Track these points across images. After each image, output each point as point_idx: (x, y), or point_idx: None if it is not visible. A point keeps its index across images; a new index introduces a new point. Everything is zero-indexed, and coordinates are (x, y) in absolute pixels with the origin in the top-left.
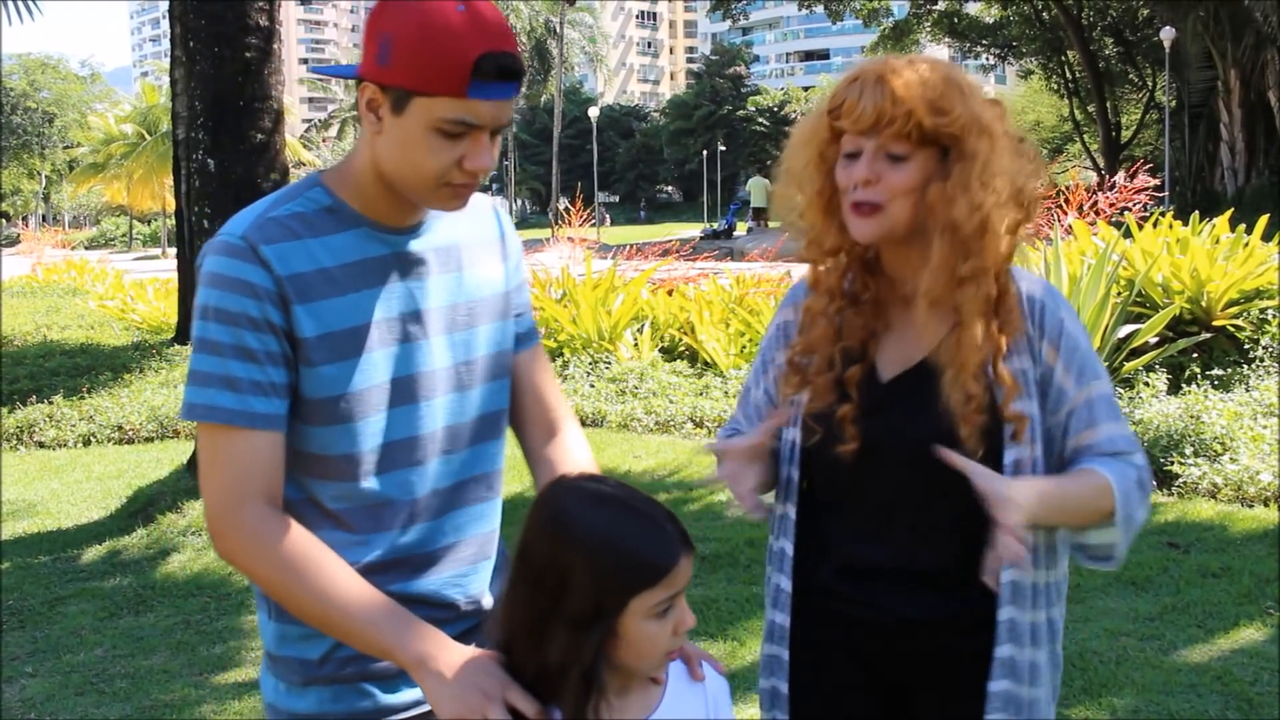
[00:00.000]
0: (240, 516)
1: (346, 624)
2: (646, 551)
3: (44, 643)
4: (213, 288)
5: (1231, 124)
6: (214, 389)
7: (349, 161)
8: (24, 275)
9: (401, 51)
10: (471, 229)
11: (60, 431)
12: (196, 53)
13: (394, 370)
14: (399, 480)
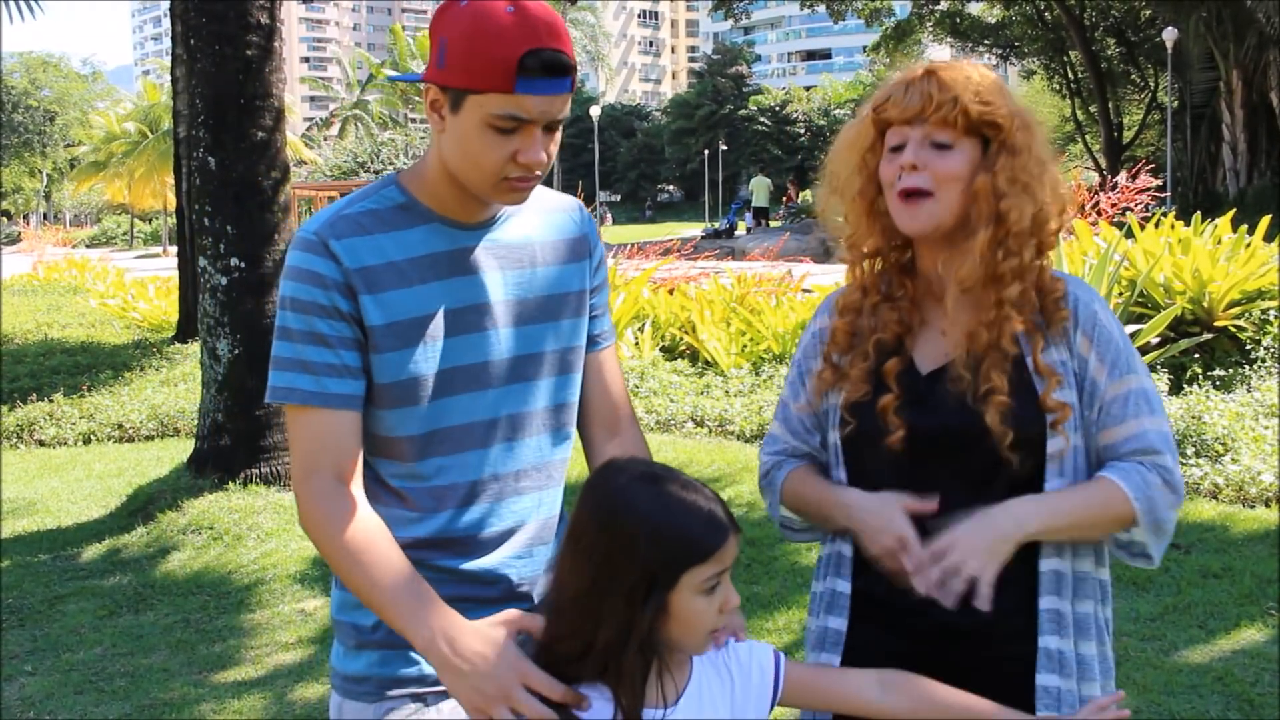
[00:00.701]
0: (308, 489)
1: (375, 599)
2: (699, 527)
3: (43, 641)
4: (289, 279)
5: (1234, 125)
6: (292, 372)
7: (423, 161)
8: (25, 273)
9: (455, 53)
10: (549, 227)
11: (60, 430)
12: (198, 50)
13: (458, 358)
14: (459, 463)
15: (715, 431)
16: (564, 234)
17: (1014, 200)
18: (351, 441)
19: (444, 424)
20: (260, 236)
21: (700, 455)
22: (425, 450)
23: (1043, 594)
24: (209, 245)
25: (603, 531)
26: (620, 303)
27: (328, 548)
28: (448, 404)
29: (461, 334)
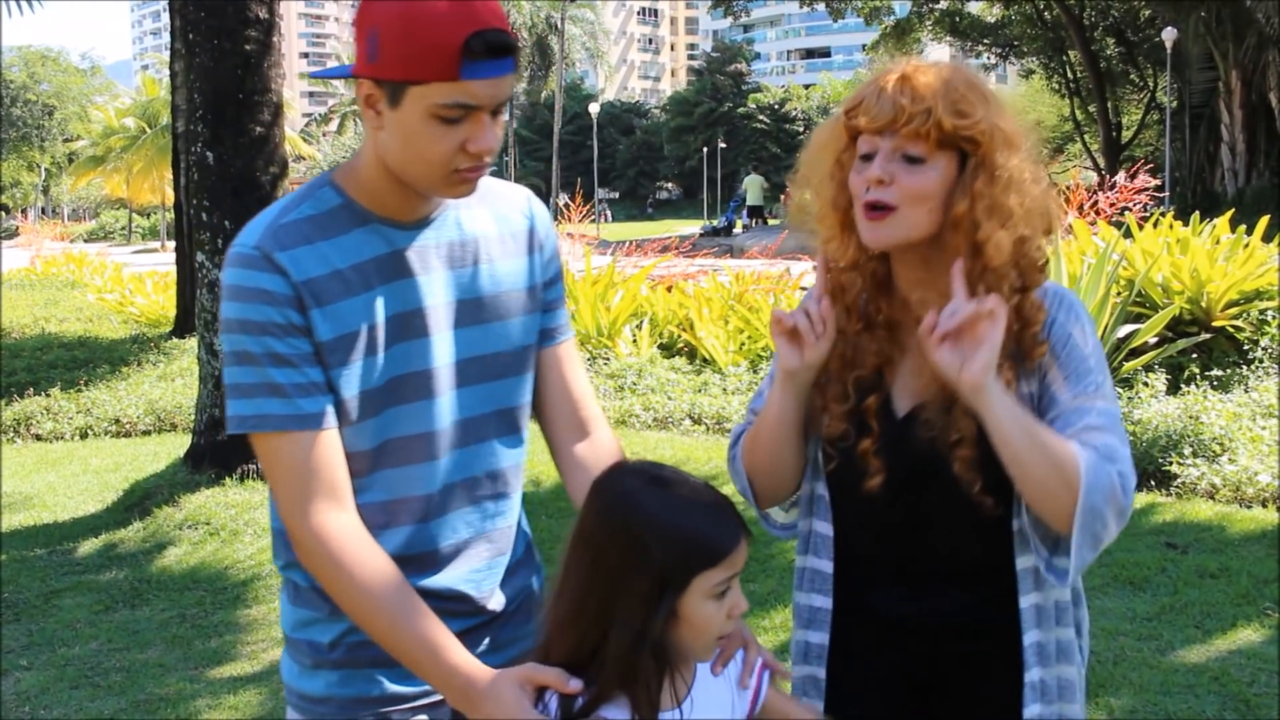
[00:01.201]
0: (307, 523)
1: (398, 645)
2: (710, 531)
3: (39, 636)
4: (234, 300)
5: (1232, 125)
6: (260, 398)
7: (357, 159)
8: (23, 268)
9: (389, 43)
10: (495, 220)
11: (57, 424)
12: (196, 45)
13: (404, 366)
14: (411, 475)
15: (713, 429)
16: (511, 227)
17: (992, 232)
18: (340, 461)
19: (393, 434)
20: None
21: (697, 453)
22: (376, 464)
23: (1025, 629)
24: (207, 240)
25: (613, 535)
26: (618, 300)
27: (338, 585)
28: (396, 414)
29: (407, 340)
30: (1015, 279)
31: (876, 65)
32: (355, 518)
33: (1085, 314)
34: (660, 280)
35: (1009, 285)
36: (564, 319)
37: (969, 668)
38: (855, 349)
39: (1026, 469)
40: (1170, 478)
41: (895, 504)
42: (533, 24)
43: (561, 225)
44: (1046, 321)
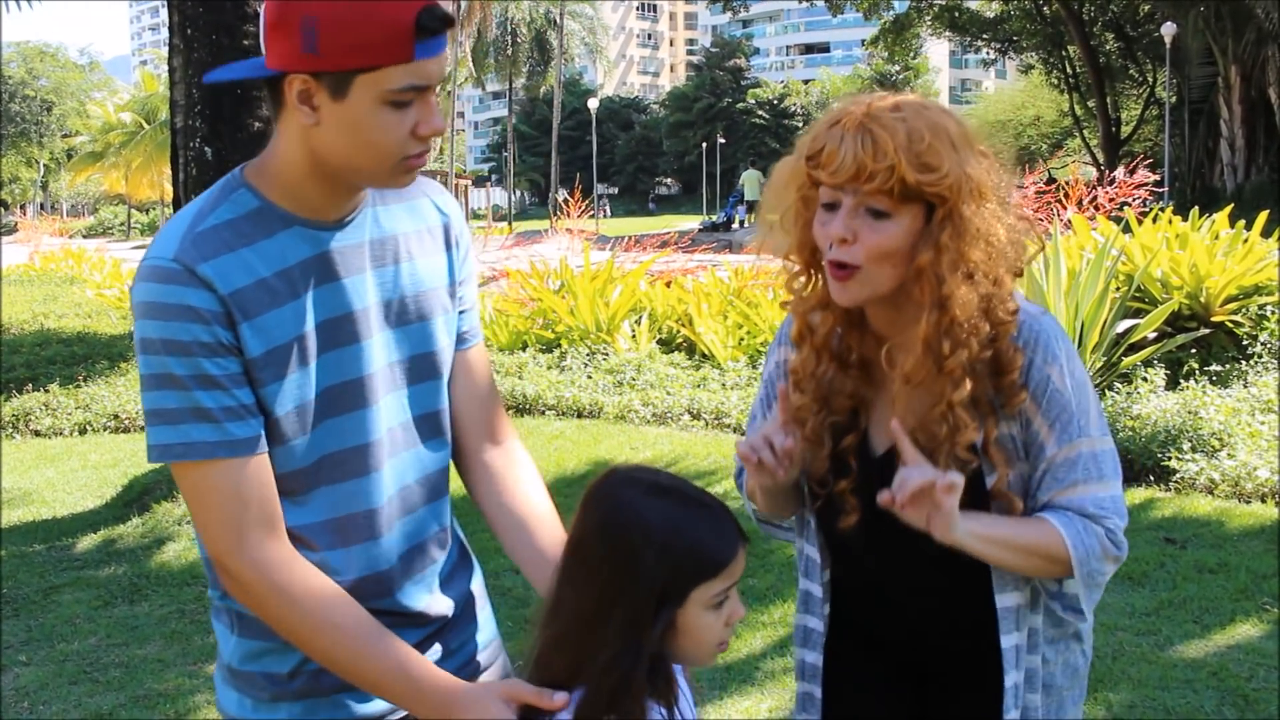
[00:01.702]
0: (242, 557)
1: (358, 672)
2: (710, 541)
3: (38, 631)
4: (153, 318)
5: (1232, 120)
6: (186, 424)
7: (269, 158)
8: (22, 263)
9: (332, 32)
10: (411, 218)
11: (56, 420)
12: (194, 40)
13: (337, 375)
14: (354, 491)
15: (711, 424)
16: (427, 222)
17: (956, 287)
18: (272, 489)
19: (331, 449)
20: None
21: (696, 448)
22: (315, 480)
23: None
24: None
25: (610, 547)
26: (617, 295)
27: (290, 621)
28: (332, 426)
29: (339, 347)
30: (986, 330)
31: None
32: (290, 546)
33: (1062, 343)
34: (659, 276)
35: (978, 340)
36: (476, 321)
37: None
38: (830, 390)
39: (1019, 569)
40: (1169, 473)
41: (871, 542)
42: (532, 19)
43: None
44: (1023, 366)
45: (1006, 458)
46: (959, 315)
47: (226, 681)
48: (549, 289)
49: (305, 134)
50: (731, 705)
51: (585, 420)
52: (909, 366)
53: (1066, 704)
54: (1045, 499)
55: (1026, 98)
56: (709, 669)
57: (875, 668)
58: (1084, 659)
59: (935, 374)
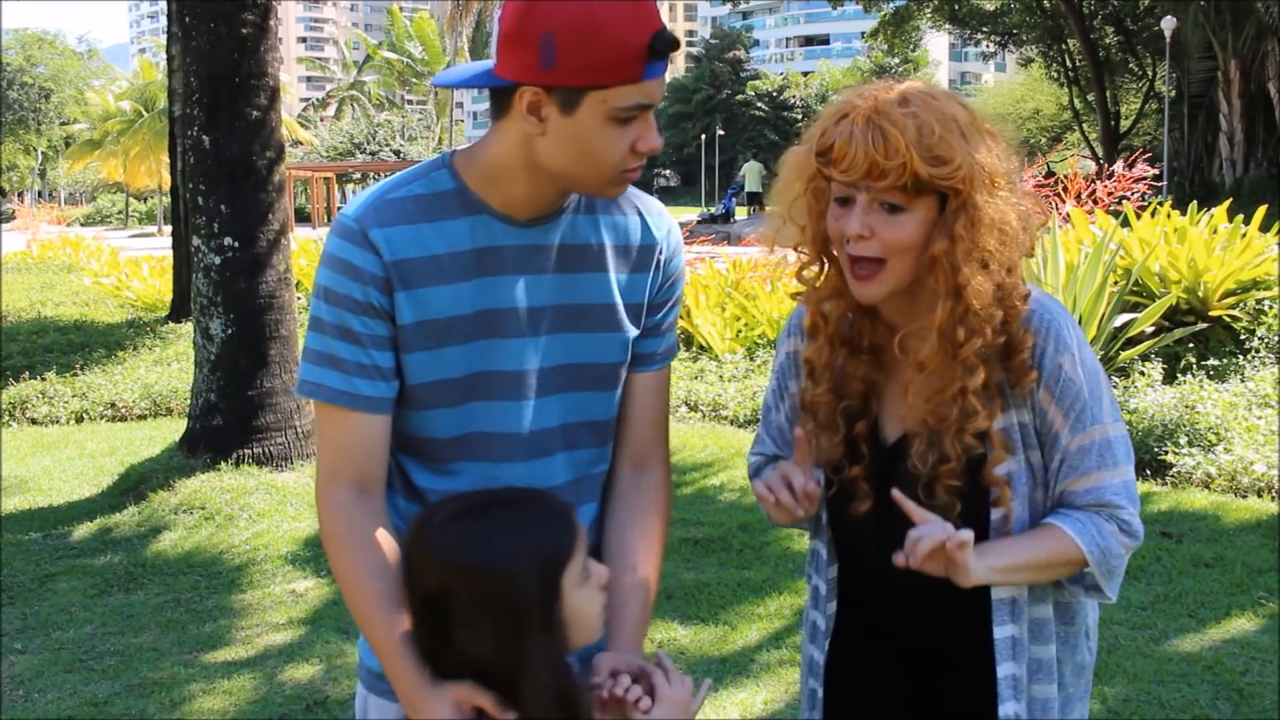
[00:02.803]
0: (328, 498)
1: (367, 627)
2: (552, 529)
3: (33, 620)
4: (325, 268)
5: (1231, 115)
6: (323, 367)
7: (483, 149)
8: (19, 251)
9: (569, 49)
10: (613, 232)
11: (53, 408)
12: (193, 29)
13: (492, 363)
14: (480, 473)
15: (709, 416)
16: (630, 239)
17: (972, 275)
18: (378, 448)
19: (475, 429)
20: (254, 216)
21: (694, 440)
22: (456, 453)
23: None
24: (203, 225)
25: (473, 592)
26: None
27: (338, 560)
28: (479, 409)
29: (495, 337)
30: (1000, 317)
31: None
32: (375, 504)
33: (1073, 330)
34: None
35: (992, 328)
36: (665, 346)
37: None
38: (842, 376)
39: (1041, 576)
40: (1166, 467)
41: (882, 528)
42: None
43: None
44: (1035, 350)
45: (1007, 444)
46: (974, 304)
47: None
48: None
49: (527, 140)
50: (728, 697)
51: None
52: (924, 354)
53: (1074, 701)
54: (1061, 488)
55: (1026, 91)
56: (706, 663)
57: (880, 662)
58: (1090, 656)
59: (949, 361)
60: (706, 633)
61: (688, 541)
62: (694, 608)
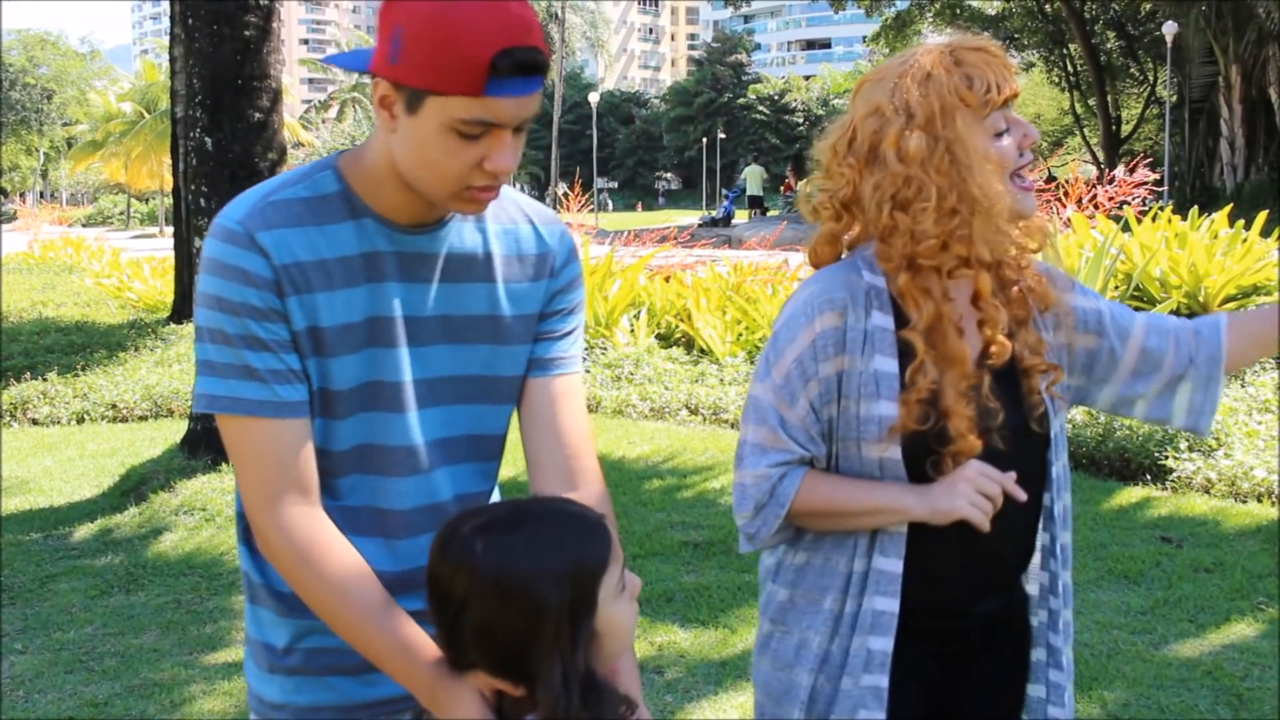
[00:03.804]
0: (275, 518)
1: (365, 643)
2: (587, 543)
3: (34, 620)
4: (214, 276)
5: (1232, 120)
6: (235, 379)
7: (365, 149)
8: (21, 252)
9: (412, 48)
10: (502, 239)
11: (54, 409)
12: (195, 30)
13: (376, 373)
14: (370, 487)
15: (709, 419)
16: (521, 249)
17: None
18: (311, 454)
19: (367, 440)
20: None
21: (694, 443)
22: (348, 468)
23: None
24: (205, 226)
25: (499, 607)
26: (616, 289)
27: (311, 581)
28: (369, 420)
29: (382, 346)
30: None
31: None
32: (323, 513)
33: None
34: (658, 270)
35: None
36: (567, 351)
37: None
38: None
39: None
40: (1166, 472)
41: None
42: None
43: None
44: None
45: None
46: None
47: (247, 647)
48: None
49: (386, 138)
50: (727, 701)
51: None
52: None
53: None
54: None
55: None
56: (706, 666)
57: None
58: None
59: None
60: (706, 636)
61: (688, 544)
62: (694, 611)
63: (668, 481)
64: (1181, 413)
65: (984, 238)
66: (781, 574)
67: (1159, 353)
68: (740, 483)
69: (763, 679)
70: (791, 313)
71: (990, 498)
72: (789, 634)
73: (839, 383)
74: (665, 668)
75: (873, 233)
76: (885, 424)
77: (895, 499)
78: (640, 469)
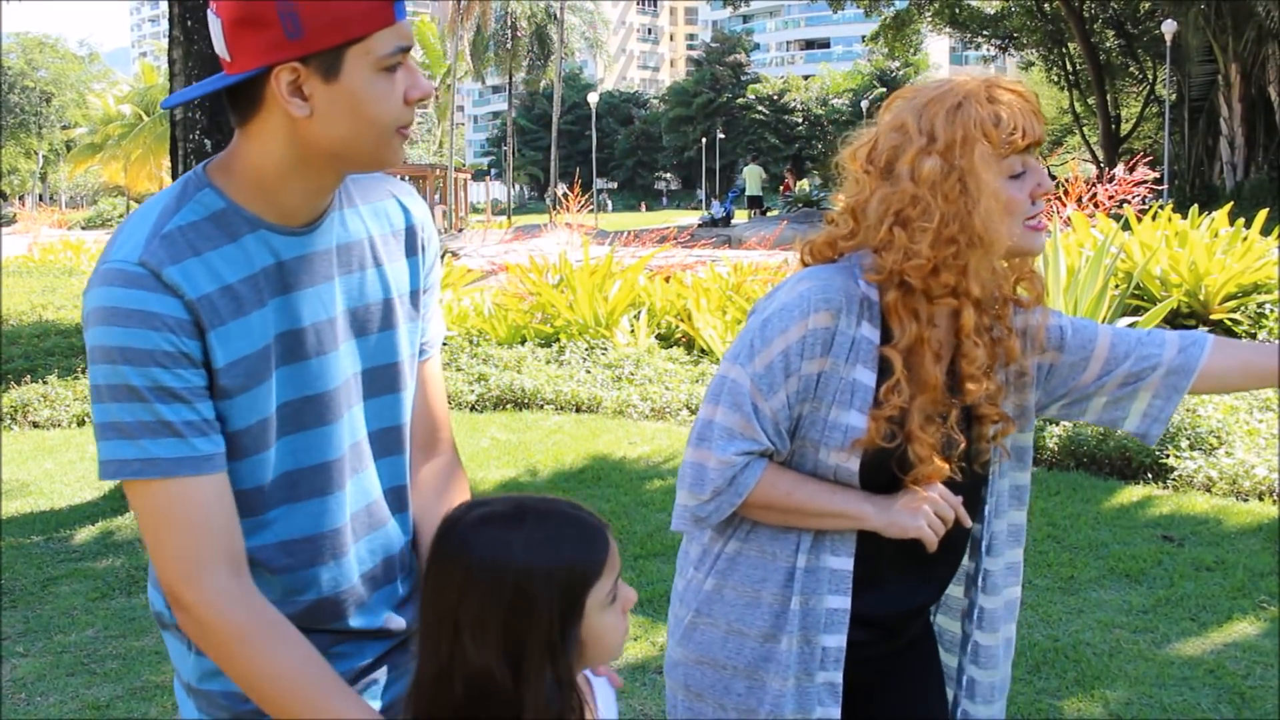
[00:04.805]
0: (201, 591)
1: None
2: (583, 546)
3: (35, 623)
4: (111, 325)
5: (1231, 118)
6: (146, 439)
7: (237, 159)
8: (21, 255)
9: (314, 12)
10: (377, 220)
11: (55, 411)
12: (194, 32)
13: (300, 390)
14: (314, 510)
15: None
16: (393, 225)
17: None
18: (234, 514)
19: (291, 466)
20: None
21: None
22: (274, 500)
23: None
24: None
25: (490, 600)
26: (616, 290)
27: (237, 663)
28: (293, 443)
29: (301, 360)
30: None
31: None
32: (249, 581)
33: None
34: (658, 270)
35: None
36: (435, 332)
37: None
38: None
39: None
40: (1167, 470)
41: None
42: (532, 14)
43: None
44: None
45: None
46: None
47: (186, 694)
48: (548, 283)
49: (293, 129)
50: None
51: (584, 415)
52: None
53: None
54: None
55: None
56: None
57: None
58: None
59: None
60: None
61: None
62: None
63: (669, 482)
64: (1136, 417)
65: (977, 272)
66: (707, 561)
67: (1119, 359)
68: (700, 463)
69: (682, 673)
70: (786, 303)
71: (945, 521)
72: (714, 625)
73: (817, 383)
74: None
75: (870, 243)
76: (851, 435)
77: (856, 507)
78: (641, 469)
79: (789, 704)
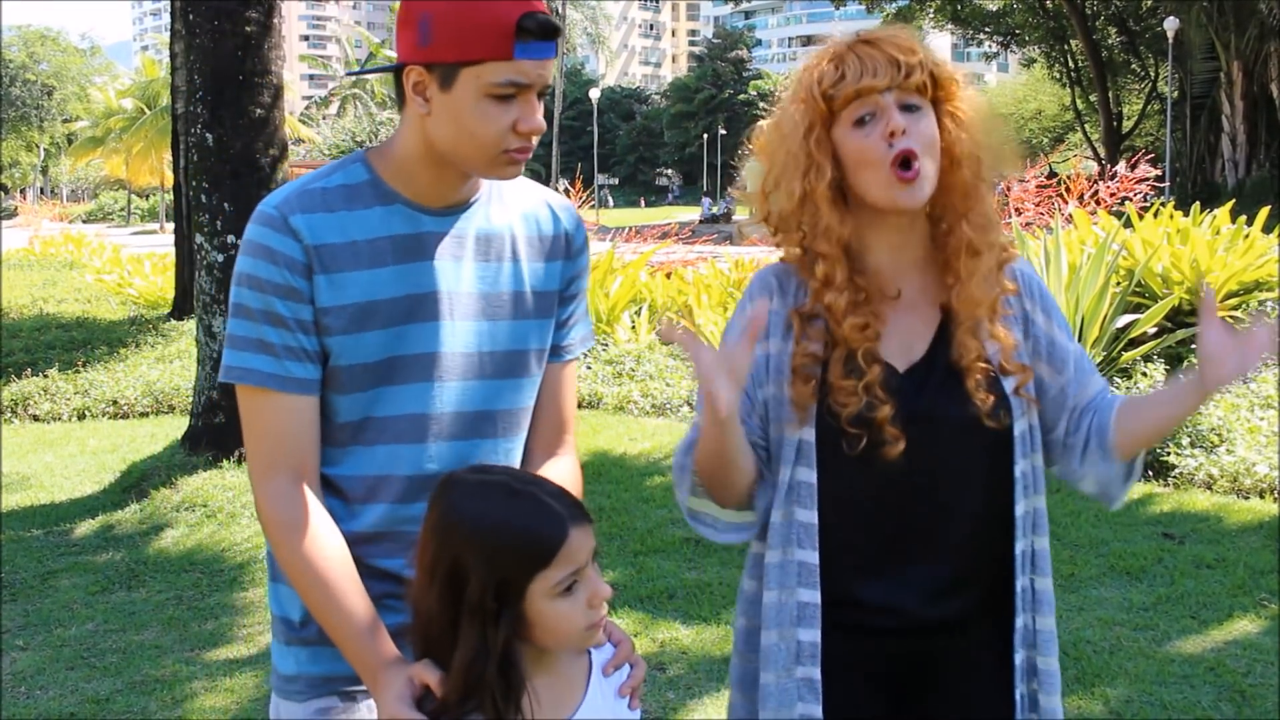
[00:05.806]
0: (268, 489)
1: (329, 621)
2: (534, 531)
3: (35, 616)
4: (246, 255)
5: (1233, 115)
6: (249, 352)
7: (391, 142)
8: (21, 248)
9: (443, 26)
10: (524, 220)
11: (55, 405)
12: (196, 26)
13: (405, 347)
14: (395, 455)
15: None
16: (542, 230)
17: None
18: (313, 433)
19: (381, 413)
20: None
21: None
22: (358, 437)
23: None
24: (206, 222)
25: (441, 553)
26: (617, 286)
27: (286, 555)
28: (388, 393)
29: (414, 322)
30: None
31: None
32: (315, 489)
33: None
34: (660, 266)
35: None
36: (578, 338)
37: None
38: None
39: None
40: (1168, 468)
41: (913, 468)
42: None
43: None
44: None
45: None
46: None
47: (271, 624)
48: None
49: (420, 122)
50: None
51: (584, 411)
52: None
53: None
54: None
55: (1028, 91)
56: (708, 663)
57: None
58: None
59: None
60: (708, 633)
61: (689, 541)
62: (696, 608)
63: (669, 479)
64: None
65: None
66: (749, 566)
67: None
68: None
69: (733, 670)
70: (741, 299)
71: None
72: (751, 625)
73: (766, 365)
74: (667, 664)
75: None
76: (791, 404)
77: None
78: (642, 465)
79: (771, 699)
